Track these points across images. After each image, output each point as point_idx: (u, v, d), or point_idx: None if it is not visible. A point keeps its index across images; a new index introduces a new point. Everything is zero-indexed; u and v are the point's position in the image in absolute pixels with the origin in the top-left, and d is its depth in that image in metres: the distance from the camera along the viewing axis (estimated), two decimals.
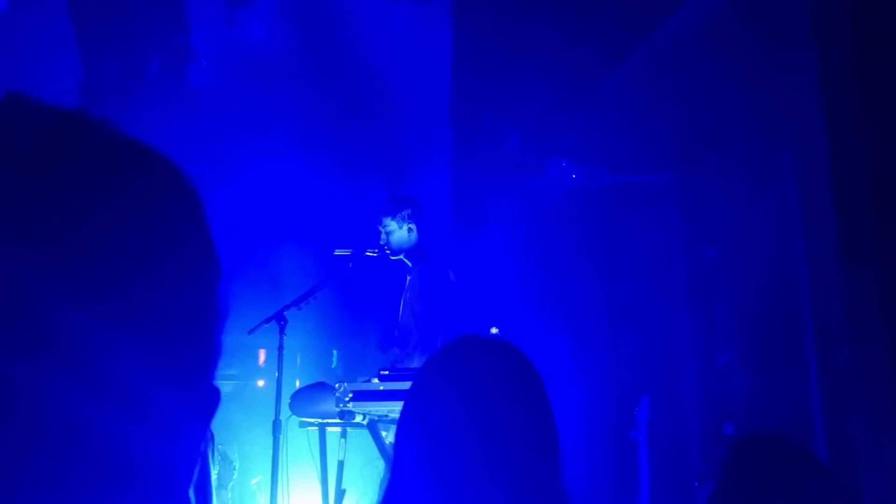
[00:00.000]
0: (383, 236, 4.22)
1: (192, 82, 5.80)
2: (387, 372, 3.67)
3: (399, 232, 4.20)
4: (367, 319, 5.59)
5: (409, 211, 4.22)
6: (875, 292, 2.71)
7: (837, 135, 3.17)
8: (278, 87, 5.73)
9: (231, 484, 4.72)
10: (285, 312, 4.06)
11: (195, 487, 1.71)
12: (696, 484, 4.14)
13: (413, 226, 4.21)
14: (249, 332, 4.11)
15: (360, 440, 4.09)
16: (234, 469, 4.77)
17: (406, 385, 1.75)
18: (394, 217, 4.20)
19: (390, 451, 3.25)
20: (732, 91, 4.46)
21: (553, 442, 1.38)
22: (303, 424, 4.14)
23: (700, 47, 4.53)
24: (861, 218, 3.03)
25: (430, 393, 1.40)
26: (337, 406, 3.64)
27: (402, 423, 1.40)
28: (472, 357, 1.42)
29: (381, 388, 3.59)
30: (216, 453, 4.29)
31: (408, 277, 4.29)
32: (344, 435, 4.09)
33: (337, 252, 4.25)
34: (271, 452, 3.90)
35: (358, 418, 3.73)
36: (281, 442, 3.90)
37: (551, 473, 1.36)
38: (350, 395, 3.62)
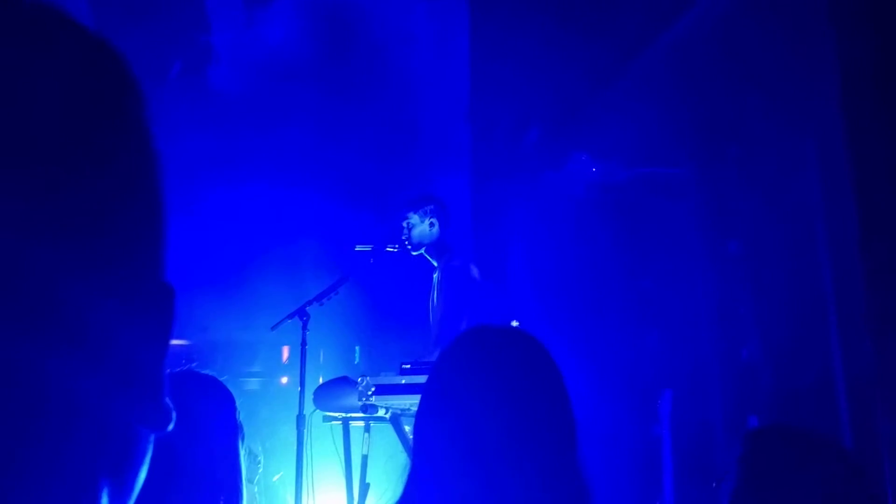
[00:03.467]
0: (405, 231, 4.25)
1: (212, 83, 5.86)
2: (409, 366, 3.70)
3: (421, 226, 4.22)
4: (389, 314, 5.62)
5: (432, 206, 4.25)
6: None
7: (857, 125, 3.15)
8: (298, 86, 5.77)
9: (257, 478, 4.77)
10: (307, 308, 4.09)
11: (223, 482, 1.72)
12: (714, 485, 4.12)
13: (435, 220, 4.23)
14: (272, 328, 4.15)
15: (384, 434, 4.12)
16: (260, 464, 4.82)
17: None
18: (416, 211, 4.23)
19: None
20: (752, 82, 4.44)
21: (570, 430, 1.37)
22: (326, 419, 4.18)
23: (718, 39, 4.52)
24: (882, 208, 3.02)
25: (446, 385, 1.39)
26: (360, 400, 3.67)
27: (420, 416, 1.40)
28: (488, 348, 1.41)
29: (404, 381, 3.62)
30: (245, 447, 4.34)
31: (434, 275, 4.31)
32: (368, 429, 4.12)
33: (358, 248, 4.29)
34: (295, 447, 3.94)
35: (381, 412, 3.75)
36: (305, 437, 3.94)
37: (569, 461, 1.35)
38: (373, 389, 3.65)
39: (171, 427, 0.47)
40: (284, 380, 5.60)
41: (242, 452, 1.86)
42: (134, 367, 0.45)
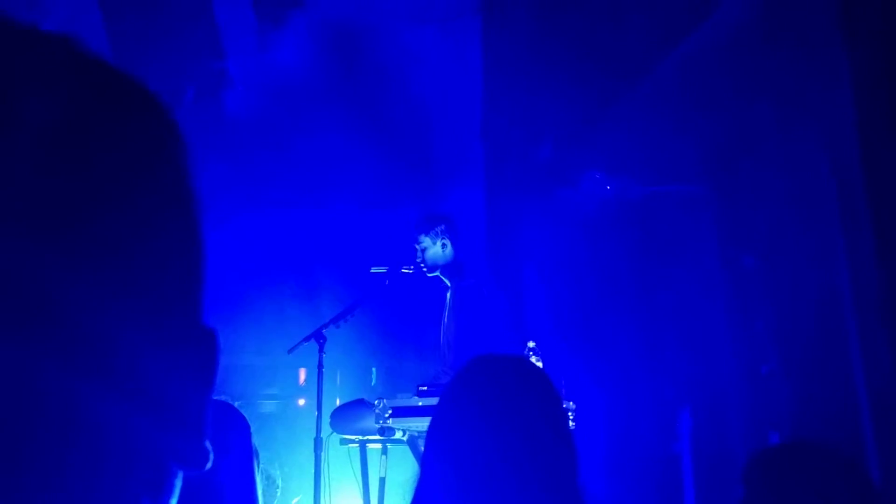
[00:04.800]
0: (419, 254, 4.25)
1: (226, 108, 5.91)
2: (425, 388, 3.69)
3: (434, 248, 4.22)
4: (405, 336, 5.62)
5: (443, 227, 4.25)
6: None
7: (870, 136, 3.13)
8: (312, 109, 5.81)
9: (275, 502, 4.76)
10: (324, 331, 4.10)
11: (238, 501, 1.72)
12: None
13: (447, 241, 4.23)
14: (289, 352, 4.16)
15: (402, 456, 4.11)
16: (278, 487, 4.81)
17: None
18: (427, 233, 4.23)
19: None
20: (764, 96, 4.43)
21: (571, 454, 1.46)
22: (343, 441, 4.17)
23: (729, 53, 4.51)
24: None
25: (452, 412, 1.49)
26: (377, 423, 3.66)
27: (430, 436, 1.50)
28: (496, 376, 1.52)
29: (421, 403, 3.60)
30: (260, 471, 4.33)
31: (447, 295, 4.31)
32: (385, 451, 4.10)
33: (373, 270, 4.29)
34: (313, 470, 3.93)
35: (398, 434, 3.74)
36: (322, 459, 3.93)
37: (569, 484, 1.42)
38: (389, 412, 3.64)
39: (208, 466, 0.48)
40: (301, 402, 5.60)
41: (258, 477, 1.86)
42: (175, 404, 0.46)
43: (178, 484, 0.48)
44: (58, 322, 0.40)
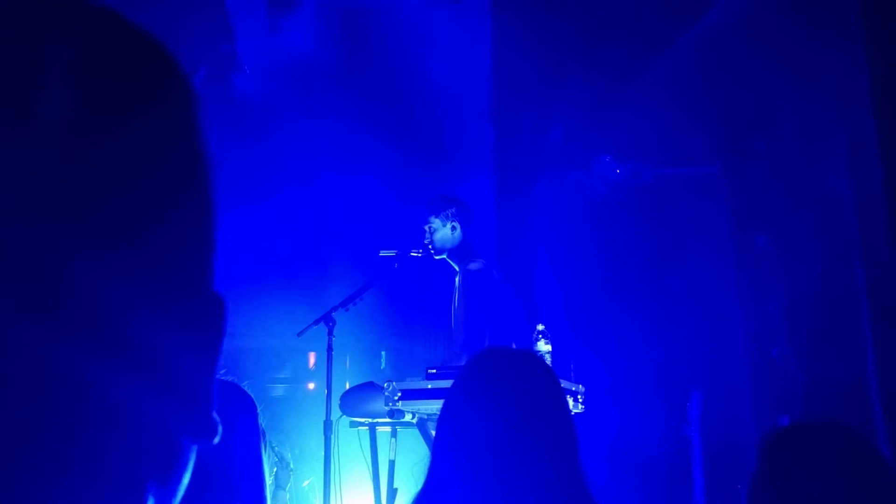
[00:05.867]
0: (427, 235, 4.24)
1: (236, 90, 5.89)
2: (434, 370, 3.69)
3: (443, 230, 4.21)
4: (414, 319, 5.62)
5: (454, 210, 4.23)
6: None
7: (888, 118, 3.09)
8: (321, 92, 5.79)
9: (289, 485, 4.79)
10: (333, 314, 4.10)
11: (246, 489, 1.72)
12: (739, 486, 4.06)
13: (457, 224, 4.21)
14: (298, 335, 4.16)
15: (411, 439, 4.12)
16: (291, 470, 4.84)
17: None
18: (438, 215, 4.21)
19: None
20: (779, 77, 4.38)
21: (573, 441, 1.57)
22: (353, 424, 4.18)
23: (744, 34, 4.46)
24: None
25: (463, 401, 1.61)
26: (386, 405, 3.67)
27: (442, 420, 1.62)
28: (500, 368, 1.65)
29: (430, 386, 3.60)
30: (273, 454, 4.36)
31: (456, 279, 4.30)
32: (394, 434, 4.11)
33: (382, 253, 4.28)
34: (323, 453, 3.95)
35: (407, 417, 3.75)
36: (332, 442, 3.95)
37: (572, 468, 1.54)
38: (399, 395, 3.64)
39: (217, 440, 0.47)
40: (311, 385, 5.62)
41: (265, 458, 1.86)
42: (182, 378, 0.45)
43: (192, 458, 0.48)
44: (69, 298, 0.39)
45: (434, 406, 3.59)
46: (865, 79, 3.34)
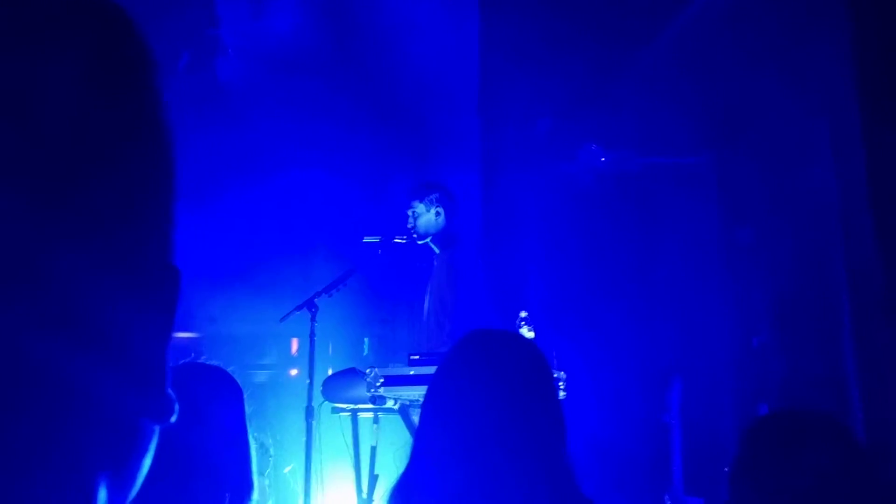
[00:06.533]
0: (411, 220, 4.24)
1: (220, 75, 5.85)
2: (417, 357, 3.69)
3: (427, 215, 4.21)
4: (398, 306, 5.62)
5: (437, 195, 4.23)
6: None
7: (872, 110, 3.11)
8: (305, 78, 5.76)
9: (268, 471, 4.78)
10: (316, 300, 4.09)
11: (232, 473, 1.71)
12: (726, 469, 4.10)
13: (441, 209, 4.21)
14: (280, 320, 4.15)
15: (393, 425, 4.12)
16: (271, 456, 4.82)
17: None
18: (422, 200, 4.21)
19: None
20: (764, 68, 4.39)
21: (560, 427, 1.51)
22: (335, 410, 4.18)
23: (730, 24, 4.47)
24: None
25: (451, 381, 1.54)
26: (368, 391, 3.66)
27: (425, 407, 1.57)
28: (491, 350, 1.57)
29: (412, 372, 3.60)
30: (253, 440, 4.35)
31: (434, 264, 4.30)
32: (376, 420, 4.12)
33: (366, 239, 4.28)
34: (305, 440, 3.94)
35: (389, 403, 3.75)
36: (314, 428, 3.94)
37: (558, 453, 1.48)
38: (381, 381, 3.64)
39: (173, 419, 0.45)
40: (294, 372, 5.61)
41: (252, 443, 1.85)
42: (134, 354, 0.42)
43: (153, 441, 0.45)
44: (19, 270, 0.38)
45: (416, 392, 3.59)
46: (850, 70, 3.36)
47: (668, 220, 5.40)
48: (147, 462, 0.45)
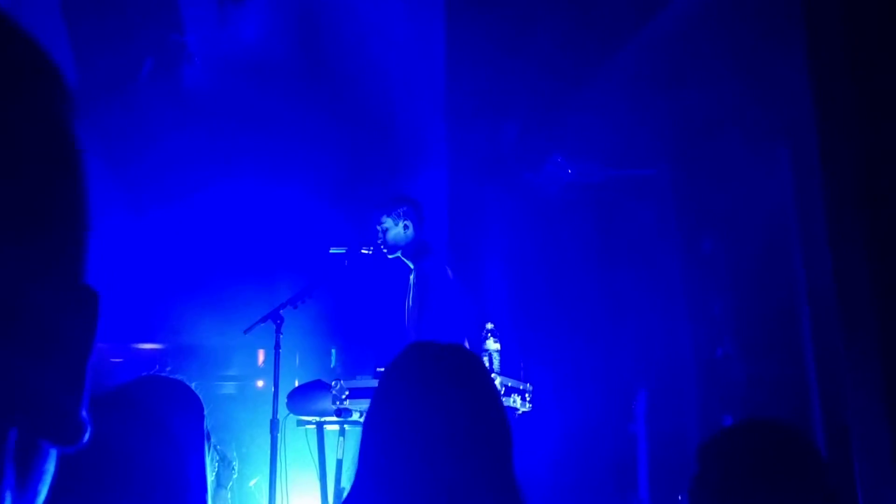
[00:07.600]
0: (380, 234, 4.22)
1: (185, 81, 5.79)
2: (383, 369, 3.67)
3: (395, 229, 4.20)
4: (364, 317, 5.59)
5: (406, 208, 4.23)
6: (864, 284, 2.72)
7: (828, 127, 3.17)
8: (272, 86, 5.72)
9: (231, 484, 4.72)
10: (281, 311, 4.06)
11: (187, 489, 1.69)
12: (679, 499, 4.13)
13: (409, 223, 4.21)
14: (245, 332, 4.11)
15: (359, 438, 4.10)
16: (234, 469, 4.77)
17: None
18: (389, 215, 4.21)
19: None
20: (726, 83, 4.46)
21: (505, 440, 1.46)
22: (301, 423, 4.15)
23: (692, 40, 4.53)
24: (851, 210, 3.04)
25: (385, 402, 1.49)
26: (334, 404, 3.65)
27: (365, 430, 1.51)
28: (428, 362, 1.52)
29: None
30: (215, 453, 4.29)
31: (410, 277, 4.29)
32: (342, 433, 4.09)
33: (332, 250, 4.26)
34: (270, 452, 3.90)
35: (355, 416, 3.73)
36: (279, 441, 3.91)
37: (503, 464, 1.44)
38: (347, 393, 3.62)
39: (82, 443, 0.43)
40: (260, 383, 5.56)
41: (209, 459, 1.83)
42: (42, 374, 0.41)
43: (50, 465, 0.44)
44: None
45: None
46: (808, 86, 3.42)
47: (630, 231, 5.46)
48: (45, 487, 0.43)
